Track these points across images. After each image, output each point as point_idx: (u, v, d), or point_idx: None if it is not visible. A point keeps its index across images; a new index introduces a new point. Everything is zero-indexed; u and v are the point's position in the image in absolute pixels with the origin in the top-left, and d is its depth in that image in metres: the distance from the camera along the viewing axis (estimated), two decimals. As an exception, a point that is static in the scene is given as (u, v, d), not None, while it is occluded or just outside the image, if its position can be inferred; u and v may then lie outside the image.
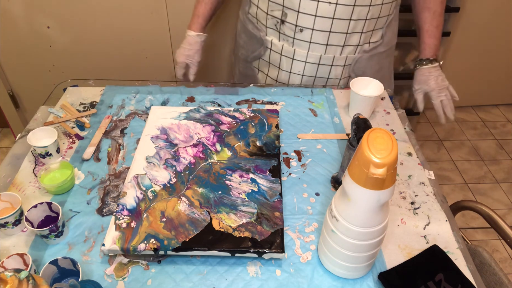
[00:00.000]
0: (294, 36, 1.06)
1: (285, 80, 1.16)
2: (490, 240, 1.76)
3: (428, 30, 1.10)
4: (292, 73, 1.13)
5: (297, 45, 1.07)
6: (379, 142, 0.57)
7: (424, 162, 0.96)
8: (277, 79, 1.17)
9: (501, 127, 2.36)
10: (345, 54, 1.08)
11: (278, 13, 1.05)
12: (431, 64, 1.10)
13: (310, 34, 1.04)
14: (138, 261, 0.74)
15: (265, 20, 1.10)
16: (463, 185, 2.01)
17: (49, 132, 0.91)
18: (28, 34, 1.62)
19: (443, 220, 0.83)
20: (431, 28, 1.10)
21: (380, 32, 1.09)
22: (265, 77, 1.20)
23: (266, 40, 1.13)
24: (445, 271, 0.72)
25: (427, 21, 1.10)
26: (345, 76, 1.13)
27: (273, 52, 1.13)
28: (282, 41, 1.09)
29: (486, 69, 2.28)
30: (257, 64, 1.21)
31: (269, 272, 0.73)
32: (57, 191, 0.84)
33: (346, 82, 1.16)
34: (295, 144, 0.98)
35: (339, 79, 1.13)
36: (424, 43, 1.11)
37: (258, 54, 1.17)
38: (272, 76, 1.18)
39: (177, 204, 0.79)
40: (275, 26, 1.08)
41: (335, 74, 1.12)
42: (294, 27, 1.04)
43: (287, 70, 1.13)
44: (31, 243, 0.76)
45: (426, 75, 1.10)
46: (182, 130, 0.97)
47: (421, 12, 1.10)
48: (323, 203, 0.85)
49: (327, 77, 1.12)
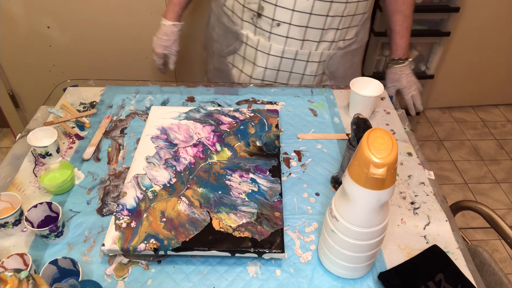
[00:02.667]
0: (271, 31, 1.05)
1: (260, 76, 1.15)
2: (490, 240, 1.76)
3: (399, 31, 1.16)
4: (267, 69, 1.12)
5: (274, 39, 1.06)
6: (379, 142, 0.57)
7: (424, 162, 0.96)
8: (251, 75, 1.15)
9: (501, 127, 2.36)
10: (321, 50, 1.08)
11: (254, 6, 1.04)
12: (403, 64, 1.16)
13: (287, 28, 1.03)
14: (138, 261, 0.74)
15: (241, 13, 1.08)
16: (463, 185, 2.01)
17: (49, 132, 0.91)
18: (28, 34, 1.62)
19: (443, 220, 0.83)
20: (402, 29, 1.16)
21: (355, 30, 1.10)
22: (239, 73, 1.18)
23: (241, 34, 1.11)
24: (445, 271, 0.72)
25: (398, 23, 1.15)
26: (319, 73, 1.14)
27: (249, 47, 1.11)
28: (258, 35, 1.08)
29: (486, 69, 2.28)
30: (231, 59, 1.18)
31: (269, 272, 0.73)
32: (57, 191, 0.84)
33: (320, 80, 1.17)
34: (295, 144, 0.98)
35: (314, 76, 1.14)
36: (395, 43, 1.17)
37: (233, 48, 1.15)
38: (246, 72, 1.16)
39: (177, 204, 0.79)
40: (252, 19, 1.06)
41: (310, 71, 1.12)
42: (271, 21, 1.03)
43: (263, 66, 1.12)
44: (31, 243, 0.76)
45: (398, 74, 1.17)
46: (182, 130, 0.97)
47: (392, 15, 1.15)
48: (323, 203, 0.85)
49: (302, 73, 1.13)
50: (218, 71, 1.25)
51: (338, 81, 1.18)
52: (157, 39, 1.20)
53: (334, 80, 1.18)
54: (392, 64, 1.17)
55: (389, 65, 1.18)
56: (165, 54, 1.22)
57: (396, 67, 1.16)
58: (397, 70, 1.16)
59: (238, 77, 1.19)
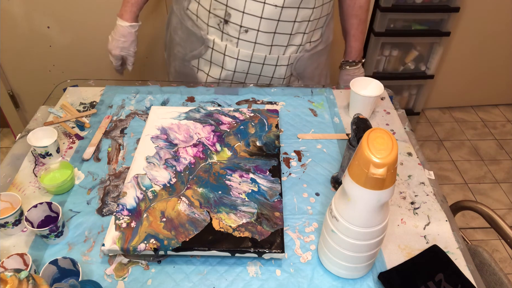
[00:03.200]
0: (239, 37, 1.04)
1: (229, 79, 1.14)
2: (490, 240, 1.76)
3: (354, 35, 1.20)
4: (236, 72, 1.12)
5: (242, 45, 1.06)
6: (379, 142, 0.57)
7: (424, 162, 0.96)
8: (219, 77, 1.14)
9: (501, 127, 2.36)
10: (288, 54, 1.09)
11: (221, 12, 1.03)
12: (356, 66, 1.23)
13: (255, 35, 1.03)
14: (138, 261, 0.74)
15: (207, 18, 1.06)
16: (463, 185, 2.01)
17: (49, 132, 0.91)
18: (28, 34, 1.62)
19: (443, 220, 0.83)
20: (357, 33, 1.19)
21: (320, 31, 1.11)
22: (205, 76, 1.16)
23: (207, 40, 1.09)
24: (445, 271, 0.72)
25: (354, 27, 1.18)
26: (288, 75, 1.15)
27: (216, 52, 1.10)
28: (225, 41, 1.07)
29: (486, 69, 2.28)
30: (196, 63, 1.16)
31: (269, 272, 0.73)
32: (57, 191, 0.84)
33: (288, 81, 1.18)
34: (295, 144, 0.98)
35: (283, 78, 1.15)
36: (350, 46, 1.21)
37: (198, 53, 1.13)
38: (213, 76, 1.15)
39: (177, 204, 0.79)
40: (218, 25, 1.05)
41: (279, 74, 1.13)
42: (238, 27, 1.02)
43: (231, 70, 1.11)
44: (31, 243, 0.76)
45: (351, 75, 1.22)
46: (182, 130, 0.97)
47: (349, 19, 1.18)
48: (323, 203, 0.85)
49: (271, 76, 1.13)
50: (181, 75, 1.23)
51: (305, 81, 1.19)
52: (114, 40, 1.18)
53: (302, 80, 1.19)
54: (345, 66, 1.23)
55: (343, 67, 1.24)
56: (122, 56, 1.21)
57: (349, 68, 1.23)
58: (350, 72, 1.23)
59: (205, 80, 1.17)
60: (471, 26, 2.06)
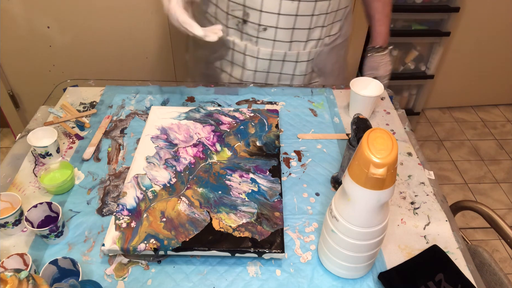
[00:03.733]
0: (258, 35, 1.05)
1: (250, 79, 1.15)
2: (490, 240, 1.76)
3: (379, 19, 1.15)
4: (257, 72, 1.12)
5: (261, 44, 1.06)
6: (379, 142, 0.57)
7: (424, 162, 0.96)
8: (241, 78, 1.15)
9: (501, 127, 2.36)
10: (308, 49, 1.09)
11: (239, 12, 1.03)
12: (382, 52, 1.16)
13: (274, 32, 1.03)
14: (138, 261, 0.74)
15: (226, 20, 1.07)
16: (463, 185, 2.01)
17: (49, 132, 0.91)
18: (28, 34, 1.62)
19: (443, 220, 0.83)
20: (382, 17, 1.14)
21: (339, 25, 1.11)
22: (228, 77, 1.18)
23: (227, 41, 1.10)
24: (445, 271, 0.72)
25: (378, 10, 1.14)
26: (308, 71, 1.14)
27: (236, 52, 1.11)
28: (245, 40, 1.08)
29: (486, 69, 2.28)
30: (219, 64, 1.18)
31: (269, 272, 0.73)
32: (57, 191, 0.84)
33: (310, 78, 1.16)
34: (295, 144, 0.98)
35: (304, 75, 1.14)
36: (376, 31, 1.16)
37: (219, 55, 1.15)
38: (236, 76, 1.16)
39: (177, 204, 0.79)
40: (237, 26, 1.06)
41: (300, 70, 1.12)
42: (257, 26, 1.03)
43: (252, 69, 1.12)
44: (31, 243, 0.76)
45: (377, 62, 1.16)
46: (182, 130, 0.97)
47: (372, 3, 1.14)
48: (323, 203, 0.85)
49: (292, 73, 1.13)
50: (206, 76, 1.24)
51: (326, 77, 1.18)
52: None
53: (323, 76, 1.18)
54: (372, 52, 1.17)
55: (369, 53, 1.17)
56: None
57: (376, 55, 1.16)
58: (377, 58, 1.16)
59: (227, 81, 1.19)
60: (471, 26, 2.06)
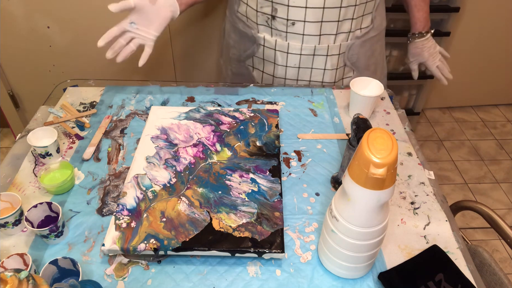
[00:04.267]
0: (287, 30, 1.06)
1: (282, 75, 1.16)
2: (490, 240, 1.76)
3: (416, 4, 1.14)
4: (288, 67, 1.13)
5: (291, 38, 1.07)
6: (379, 142, 0.57)
7: (424, 162, 0.96)
8: (273, 74, 1.17)
9: (501, 127, 2.36)
10: (339, 42, 1.09)
11: (268, 9, 1.05)
12: (424, 37, 1.15)
13: (302, 26, 1.04)
14: (138, 261, 0.74)
15: (256, 18, 1.10)
16: (463, 185, 2.01)
17: (49, 132, 0.91)
18: (28, 34, 1.62)
19: (443, 220, 0.83)
20: (419, 2, 1.14)
21: (370, 17, 1.10)
22: (261, 74, 1.20)
23: (258, 37, 1.12)
24: (445, 271, 0.72)
25: None
26: (340, 65, 1.14)
27: (267, 49, 1.13)
28: (275, 36, 1.09)
29: (486, 69, 2.28)
30: (250, 62, 1.20)
31: (269, 272, 0.73)
32: (57, 191, 0.84)
33: (343, 72, 1.16)
34: (295, 144, 0.98)
35: (336, 69, 1.14)
36: (414, 17, 1.16)
37: (251, 52, 1.17)
38: (268, 72, 1.17)
39: (177, 204, 0.79)
40: (266, 22, 1.08)
41: (331, 64, 1.12)
42: (285, 21, 1.04)
43: (283, 64, 1.13)
44: (31, 243, 0.76)
45: (420, 48, 1.16)
46: (182, 130, 0.97)
47: None
48: (323, 203, 0.85)
49: (323, 68, 1.13)
50: (238, 76, 1.26)
51: (360, 72, 1.17)
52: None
53: (357, 71, 1.17)
54: (413, 39, 1.16)
55: (410, 40, 1.17)
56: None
57: (417, 41, 1.15)
58: (418, 45, 1.16)
59: (260, 78, 1.20)
60: (471, 26, 2.06)
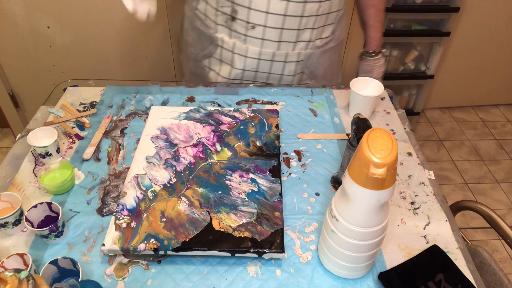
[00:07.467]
0: (246, 33, 1.05)
1: (238, 78, 1.14)
2: (490, 240, 1.76)
3: (373, 25, 1.16)
4: (246, 71, 1.12)
5: (250, 42, 1.06)
6: (379, 142, 0.57)
7: (424, 162, 0.96)
8: (229, 77, 1.15)
9: (501, 127, 2.36)
10: (298, 50, 1.08)
11: (228, 9, 1.03)
12: (376, 56, 1.18)
13: (262, 31, 1.03)
14: (138, 261, 0.74)
15: (215, 17, 1.07)
16: (463, 185, 2.01)
17: (49, 132, 0.91)
18: (28, 34, 1.62)
19: (443, 220, 0.83)
20: (375, 23, 1.16)
21: (331, 28, 1.10)
22: (216, 76, 1.17)
23: (216, 38, 1.10)
24: (445, 271, 0.72)
25: (372, 17, 1.16)
26: (298, 72, 1.14)
27: (225, 50, 1.11)
28: (233, 38, 1.07)
29: (486, 69, 2.28)
30: (207, 62, 1.17)
31: (269, 272, 0.73)
32: (57, 191, 0.84)
33: (300, 78, 1.16)
34: (295, 144, 0.98)
35: (293, 75, 1.14)
36: (369, 37, 1.18)
37: (208, 52, 1.14)
38: (224, 75, 1.15)
39: (177, 204, 0.79)
40: (226, 23, 1.06)
41: (288, 71, 1.12)
42: (245, 24, 1.03)
43: (240, 68, 1.11)
44: (31, 243, 0.76)
45: (371, 66, 1.19)
46: (182, 130, 0.97)
47: (366, 9, 1.16)
48: (323, 203, 0.85)
49: (281, 73, 1.13)
50: (194, 75, 1.24)
51: (318, 80, 1.18)
52: None
53: (315, 79, 1.18)
54: (365, 56, 1.19)
55: (363, 57, 1.20)
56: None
57: (369, 59, 1.18)
58: (370, 63, 1.19)
59: (215, 80, 1.18)
60: (471, 26, 2.06)
